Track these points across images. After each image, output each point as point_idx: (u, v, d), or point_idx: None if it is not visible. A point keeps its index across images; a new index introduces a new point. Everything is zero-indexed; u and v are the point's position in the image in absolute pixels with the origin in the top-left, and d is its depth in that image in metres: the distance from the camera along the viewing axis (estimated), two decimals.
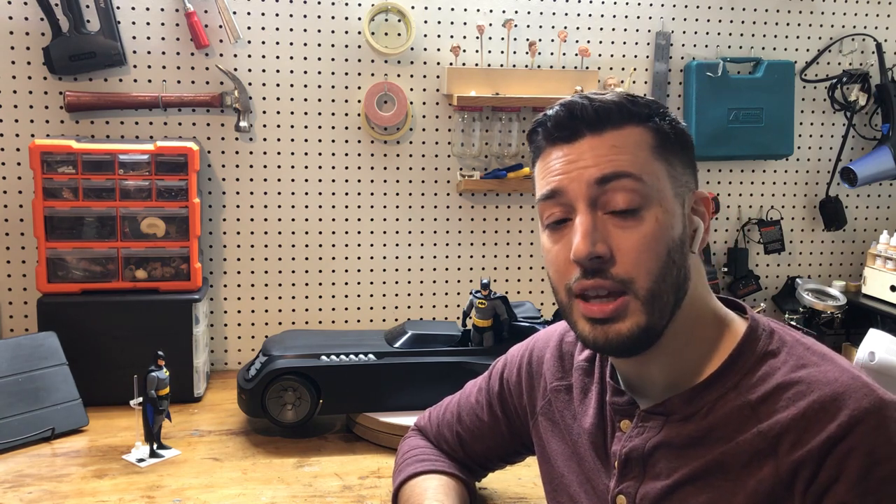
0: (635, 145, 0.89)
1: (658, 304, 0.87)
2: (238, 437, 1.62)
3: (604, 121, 0.89)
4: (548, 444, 1.08)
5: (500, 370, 1.21)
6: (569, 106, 0.91)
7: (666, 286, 0.87)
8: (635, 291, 0.86)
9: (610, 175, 0.87)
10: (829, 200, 2.28)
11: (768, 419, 0.84)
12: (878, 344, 1.62)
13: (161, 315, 1.76)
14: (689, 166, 0.94)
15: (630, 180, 0.87)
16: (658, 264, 0.87)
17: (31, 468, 1.46)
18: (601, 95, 0.91)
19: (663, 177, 0.89)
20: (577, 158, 0.89)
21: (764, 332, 0.92)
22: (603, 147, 0.88)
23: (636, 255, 0.86)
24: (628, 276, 0.86)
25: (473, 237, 2.14)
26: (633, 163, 0.88)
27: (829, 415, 0.81)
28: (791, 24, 2.23)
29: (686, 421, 0.90)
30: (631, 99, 0.91)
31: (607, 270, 0.87)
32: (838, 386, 0.83)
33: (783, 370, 0.87)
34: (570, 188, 0.89)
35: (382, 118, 2.02)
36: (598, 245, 0.86)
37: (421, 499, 1.13)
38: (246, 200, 2.00)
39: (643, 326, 0.87)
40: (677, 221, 0.89)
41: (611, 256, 0.87)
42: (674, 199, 0.90)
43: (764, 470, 0.83)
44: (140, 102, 1.90)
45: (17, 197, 1.89)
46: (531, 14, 2.08)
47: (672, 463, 0.90)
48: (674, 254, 0.88)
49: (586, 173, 0.88)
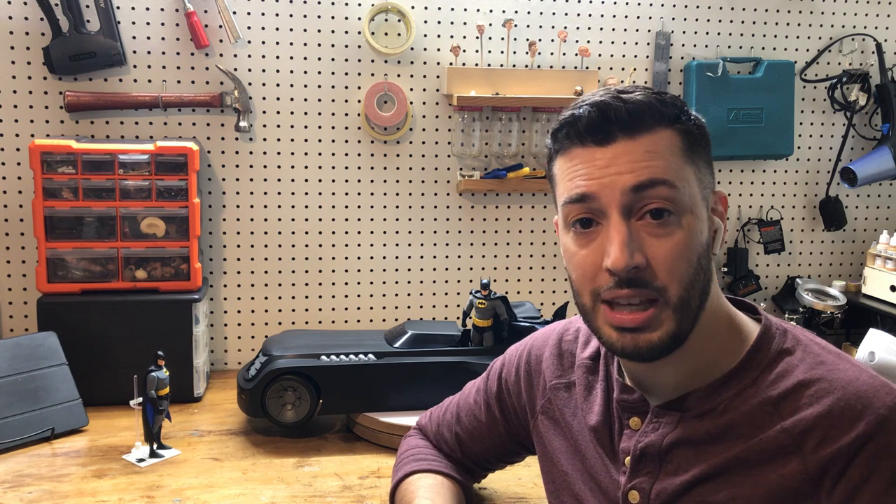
0: (668, 150, 0.87)
1: (687, 310, 0.87)
2: (238, 437, 1.62)
3: (637, 123, 0.87)
4: (549, 442, 1.08)
5: (499, 370, 1.21)
6: (601, 107, 0.88)
7: (695, 292, 0.87)
8: (668, 300, 0.86)
9: (646, 182, 0.85)
10: (829, 200, 2.28)
11: (791, 416, 0.85)
12: (878, 344, 1.62)
13: (161, 315, 1.76)
14: (710, 165, 0.93)
15: (666, 188, 0.85)
16: (690, 272, 0.86)
17: (31, 468, 1.46)
18: (631, 94, 0.89)
19: (693, 181, 0.88)
20: (610, 164, 0.86)
21: (778, 330, 0.92)
22: (637, 152, 0.86)
23: (671, 264, 0.85)
24: (663, 285, 0.85)
25: (473, 237, 2.14)
26: (668, 169, 0.86)
27: (857, 413, 0.82)
28: (791, 24, 2.23)
29: (703, 417, 0.90)
30: (659, 98, 0.89)
31: (642, 279, 0.85)
32: (860, 384, 0.84)
33: (801, 368, 0.87)
34: (603, 194, 0.86)
35: (382, 118, 2.02)
36: (636, 256, 0.85)
37: (413, 497, 1.14)
38: (246, 200, 2.00)
39: (672, 334, 0.87)
40: (704, 226, 0.89)
41: (647, 265, 0.85)
42: (701, 203, 0.89)
43: (788, 466, 0.83)
44: (140, 102, 1.90)
45: (17, 197, 1.89)
46: (531, 14, 2.08)
47: (690, 459, 0.90)
48: (702, 259, 0.88)
49: (621, 180, 0.86)
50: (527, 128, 2.12)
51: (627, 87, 0.91)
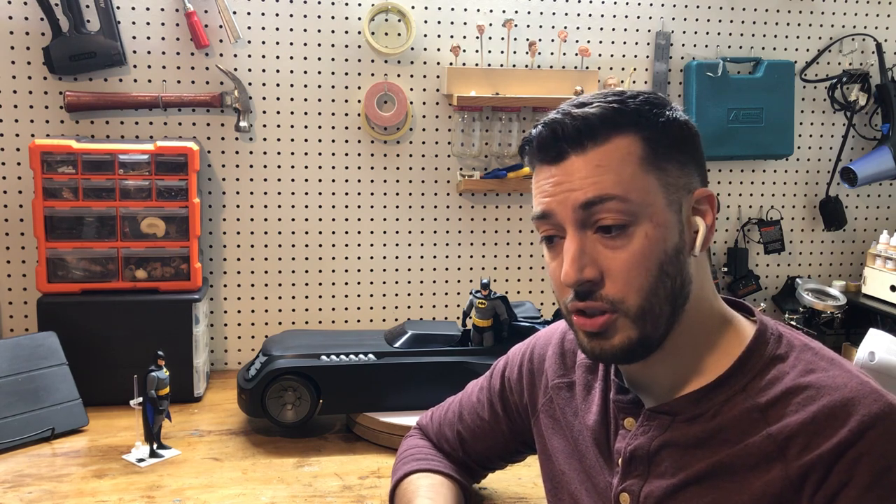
0: (620, 161, 0.87)
1: (650, 317, 0.87)
2: (238, 437, 1.62)
3: (586, 137, 0.87)
4: (549, 441, 1.09)
5: (502, 369, 1.21)
6: (551, 125, 0.89)
7: (658, 299, 0.87)
8: (625, 311, 0.87)
9: (594, 199, 0.86)
10: (829, 200, 2.28)
11: (777, 422, 0.84)
12: (878, 344, 1.62)
13: (161, 315, 1.76)
14: (691, 164, 0.91)
15: (616, 202, 0.86)
16: (649, 281, 0.87)
17: (31, 468, 1.46)
18: (585, 108, 0.89)
19: (654, 189, 0.87)
20: (564, 180, 0.88)
21: (772, 335, 0.91)
22: (587, 168, 0.87)
23: (625, 275, 0.86)
24: (617, 296, 0.87)
25: (473, 237, 2.14)
26: (618, 182, 0.86)
27: (840, 420, 0.81)
28: (791, 24, 2.23)
29: (692, 421, 0.90)
30: (617, 107, 0.88)
31: (597, 292, 0.87)
32: (848, 391, 0.83)
33: (792, 375, 0.87)
34: (558, 210, 0.89)
35: (382, 118, 2.02)
36: (587, 270, 0.87)
37: (413, 496, 1.14)
38: (246, 200, 2.00)
39: (635, 340, 0.88)
40: (671, 232, 0.88)
41: (601, 279, 0.87)
42: (667, 209, 0.88)
43: (772, 472, 0.83)
44: (140, 102, 1.90)
45: (17, 197, 1.89)
46: (531, 14, 2.08)
47: (677, 463, 0.90)
48: (667, 266, 0.87)
49: (571, 197, 0.87)
50: (527, 128, 2.12)
51: (589, 98, 0.91)
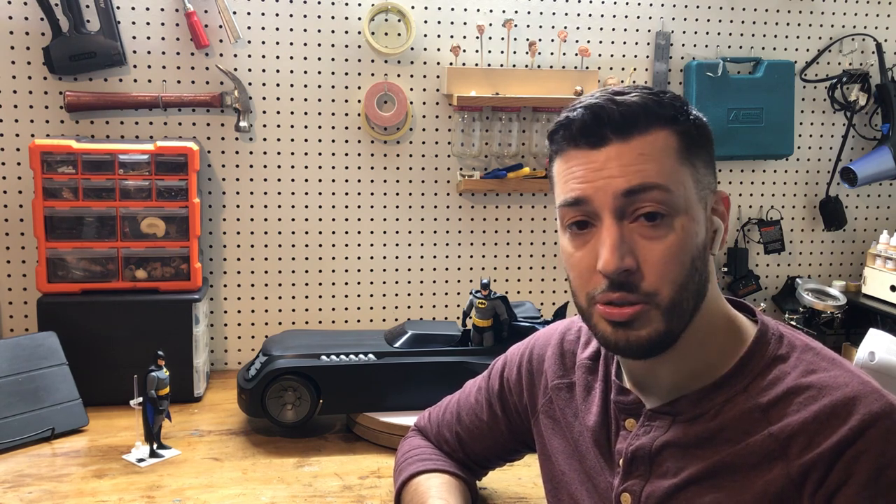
0: (662, 152, 0.87)
1: (678, 311, 0.87)
2: (238, 437, 1.62)
3: (630, 126, 0.87)
4: (549, 441, 1.09)
5: (500, 369, 1.21)
6: (594, 109, 0.88)
7: (688, 294, 0.87)
8: (657, 303, 0.86)
9: (638, 187, 0.85)
10: (829, 200, 2.28)
11: (779, 422, 0.85)
12: (878, 344, 1.62)
13: (161, 315, 1.76)
14: (710, 165, 0.92)
15: (658, 192, 0.85)
16: (682, 274, 0.86)
17: (31, 468, 1.46)
18: (625, 96, 0.88)
19: (688, 183, 0.88)
20: (603, 167, 0.87)
21: (774, 336, 0.92)
22: (630, 155, 0.86)
23: (662, 267, 0.86)
24: (653, 288, 0.86)
25: (473, 237, 2.14)
26: (661, 172, 0.86)
27: (841, 419, 0.81)
28: (791, 24, 2.23)
29: (693, 421, 0.90)
30: (656, 99, 0.88)
31: (633, 282, 0.86)
32: (849, 390, 0.83)
33: (793, 375, 0.87)
34: (596, 197, 0.87)
35: (382, 118, 2.02)
36: (627, 258, 0.85)
37: (425, 497, 1.13)
38: (246, 200, 2.00)
39: (662, 332, 0.87)
40: (701, 227, 0.89)
41: (637, 268, 0.86)
42: (697, 204, 0.89)
43: (773, 472, 0.83)
44: (140, 102, 1.90)
45: (17, 197, 1.89)
46: (531, 14, 2.08)
47: (679, 462, 0.90)
48: (697, 261, 0.88)
49: (613, 184, 0.86)
50: (527, 128, 2.12)
51: (624, 88, 0.91)
